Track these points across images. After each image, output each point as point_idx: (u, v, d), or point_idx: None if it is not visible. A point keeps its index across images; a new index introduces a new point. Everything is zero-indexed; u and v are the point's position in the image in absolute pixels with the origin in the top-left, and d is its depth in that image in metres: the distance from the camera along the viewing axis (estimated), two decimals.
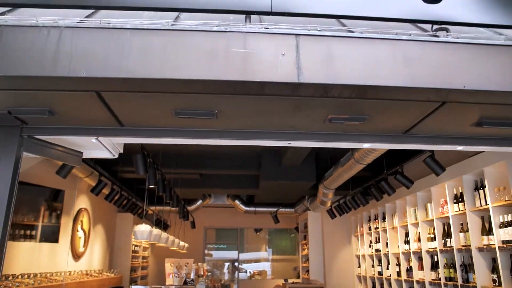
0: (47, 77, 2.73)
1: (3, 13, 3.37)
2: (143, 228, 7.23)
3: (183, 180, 10.05)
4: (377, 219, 10.42)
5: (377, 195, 7.99)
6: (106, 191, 8.12)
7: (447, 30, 3.58)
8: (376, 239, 10.50)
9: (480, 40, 3.20)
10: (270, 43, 2.90)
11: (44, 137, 3.82)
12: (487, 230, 6.03)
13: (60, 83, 2.82)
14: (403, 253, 8.85)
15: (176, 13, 3.48)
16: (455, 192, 6.85)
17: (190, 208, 12.66)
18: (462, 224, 6.70)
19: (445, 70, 3.01)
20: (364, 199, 8.79)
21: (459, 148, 4.29)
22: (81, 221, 9.11)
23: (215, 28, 2.93)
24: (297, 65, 2.82)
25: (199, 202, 12.79)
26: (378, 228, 10.30)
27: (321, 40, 2.95)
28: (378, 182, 7.83)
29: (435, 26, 3.63)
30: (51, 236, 7.76)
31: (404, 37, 3.09)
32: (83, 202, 9.27)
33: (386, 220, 9.79)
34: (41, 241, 7.42)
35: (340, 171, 7.50)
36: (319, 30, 3.07)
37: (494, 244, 5.70)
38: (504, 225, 5.55)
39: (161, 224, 12.52)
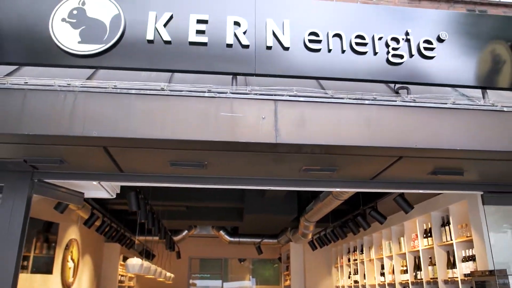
0: (64, 136, 3.22)
1: (14, 72, 3.89)
2: (135, 262, 7.63)
3: (170, 212, 10.45)
4: (356, 251, 10.89)
5: (354, 229, 8.49)
6: (97, 222, 8.50)
7: (407, 89, 4.19)
8: (354, 271, 10.95)
9: (431, 103, 3.78)
10: (252, 107, 3.44)
11: (52, 180, 4.28)
12: (451, 264, 6.56)
13: (74, 140, 3.31)
14: (379, 284, 9.31)
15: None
16: (425, 227, 7.39)
17: (176, 238, 12.99)
18: (430, 258, 7.21)
19: (400, 131, 3.58)
20: (342, 232, 9.26)
21: (421, 191, 4.85)
22: (71, 252, 9.43)
23: (206, 94, 3.47)
24: (275, 127, 3.37)
25: (185, 232, 13.14)
26: (356, 260, 10.77)
27: (295, 105, 3.51)
28: (355, 216, 8.33)
29: (397, 85, 4.25)
30: (45, 267, 8.09)
31: (366, 102, 3.66)
32: (73, 232, 9.60)
33: (364, 252, 10.27)
34: (33, 272, 7.74)
35: (319, 206, 7.98)
36: (294, 96, 3.64)
37: (457, 277, 6.21)
38: (466, 259, 6.08)
39: (148, 254, 12.83)
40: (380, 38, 4.23)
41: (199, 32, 4.00)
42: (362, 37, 4.20)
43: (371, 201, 7.68)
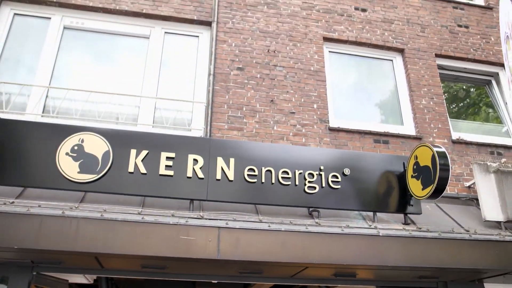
0: (70, 251, 4.61)
1: (23, 192, 5.25)
2: None
3: (129, 282, 11.53)
4: None
5: None
6: None
7: (318, 212, 5.77)
8: None
9: (327, 229, 5.36)
10: (202, 233, 4.93)
11: (47, 273, 5.58)
12: None
13: (75, 253, 4.69)
14: None
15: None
16: None
17: None
18: None
19: (304, 250, 5.12)
20: None
21: (330, 285, 6.36)
22: None
23: (171, 222, 4.94)
24: (218, 248, 4.85)
25: None
26: None
27: (233, 231, 5.02)
28: None
29: (311, 209, 5.83)
30: None
31: (283, 228, 5.21)
32: None
33: None
34: None
35: (261, 282, 9.38)
36: (234, 220, 5.16)
37: None
38: None
39: None
40: (300, 173, 5.85)
41: (167, 166, 5.52)
42: (286, 172, 5.81)
43: None
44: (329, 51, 8.21)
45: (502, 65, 8.78)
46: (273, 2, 8.21)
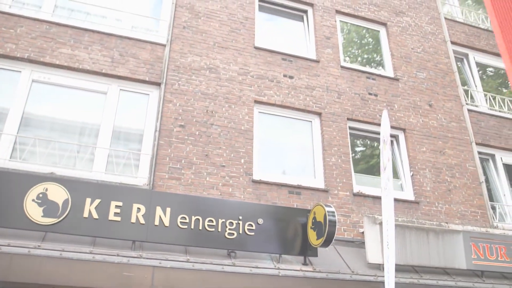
0: (34, 283, 5.93)
1: None
2: None
3: None
4: None
5: None
6: None
7: (235, 253, 7.31)
8: None
9: (238, 269, 6.90)
10: (141, 270, 6.37)
11: None
12: None
13: (38, 284, 6.01)
14: None
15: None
16: None
17: None
18: None
19: (220, 286, 6.62)
20: None
21: None
22: None
23: (116, 261, 6.35)
24: (152, 283, 6.30)
25: None
26: None
27: (164, 270, 6.48)
28: None
29: (229, 250, 7.36)
30: None
31: (204, 268, 6.71)
32: None
33: None
34: None
35: None
36: (166, 260, 6.61)
37: None
38: None
39: None
40: (222, 222, 7.37)
41: (116, 213, 6.92)
42: (211, 221, 7.32)
43: None
44: (259, 112, 9.82)
45: (402, 129, 10.69)
46: (214, 67, 9.76)
